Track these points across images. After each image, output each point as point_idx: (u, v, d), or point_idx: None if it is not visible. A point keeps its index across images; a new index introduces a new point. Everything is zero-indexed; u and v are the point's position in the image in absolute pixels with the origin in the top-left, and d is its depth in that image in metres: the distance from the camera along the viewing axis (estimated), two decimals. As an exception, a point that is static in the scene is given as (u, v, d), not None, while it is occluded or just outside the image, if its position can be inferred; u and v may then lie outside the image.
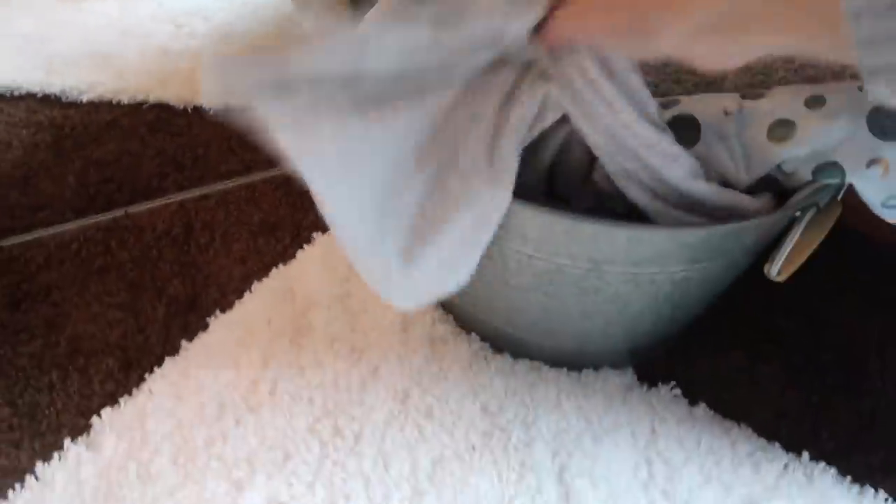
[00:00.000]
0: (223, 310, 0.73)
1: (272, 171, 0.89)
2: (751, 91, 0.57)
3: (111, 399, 0.65)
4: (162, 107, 0.97)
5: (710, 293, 0.61)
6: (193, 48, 1.05)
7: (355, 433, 0.62)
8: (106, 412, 0.64)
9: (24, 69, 1.00)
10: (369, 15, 0.51)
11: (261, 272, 0.77)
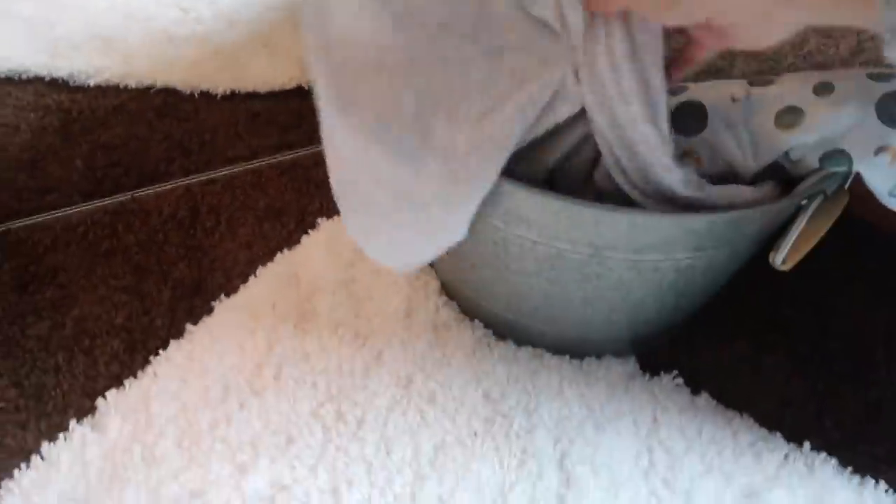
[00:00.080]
0: (228, 294, 0.73)
1: (278, 157, 0.89)
2: (759, 77, 0.56)
3: (116, 381, 0.66)
4: (169, 91, 0.97)
5: (715, 282, 0.60)
6: (199, 33, 1.04)
7: (358, 418, 0.63)
8: (111, 394, 0.65)
9: (32, 53, 1.00)
10: None
11: (266, 257, 0.77)
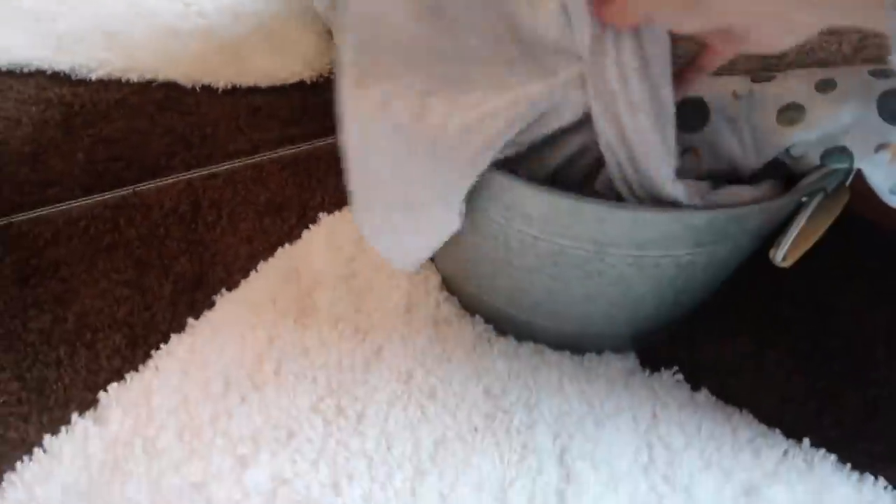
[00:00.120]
0: (229, 288, 0.73)
1: (279, 151, 0.89)
2: (761, 74, 0.56)
3: (118, 375, 0.66)
4: (171, 85, 0.97)
5: (715, 279, 0.60)
6: (202, 27, 1.04)
7: (358, 413, 0.63)
8: (113, 387, 0.65)
9: (34, 46, 1.00)
10: None
11: (267, 252, 0.77)
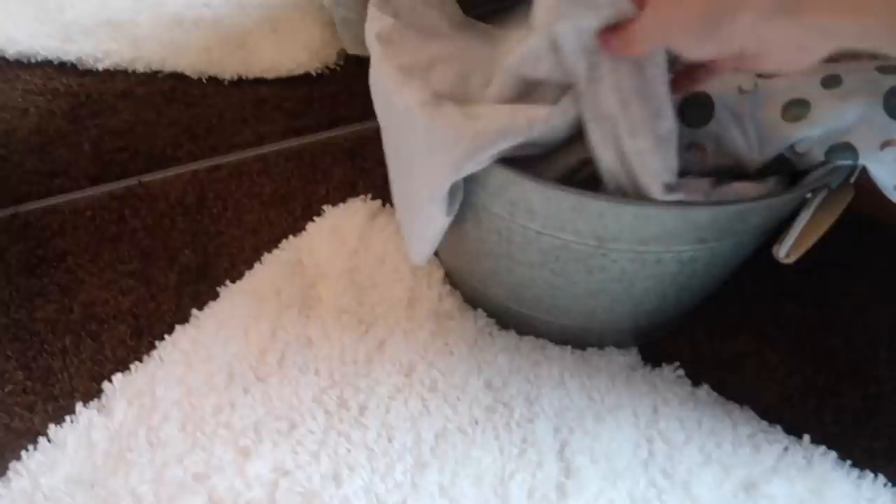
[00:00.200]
0: (233, 280, 0.74)
1: (285, 143, 0.90)
2: (766, 69, 0.56)
3: (122, 365, 0.67)
4: (177, 77, 0.98)
5: (718, 275, 0.60)
6: (208, 18, 1.04)
7: (360, 405, 0.63)
8: (117, 378, 0.65)
9: (41, 36, 1.00)
10: None
11: (271, 243, 0.77)
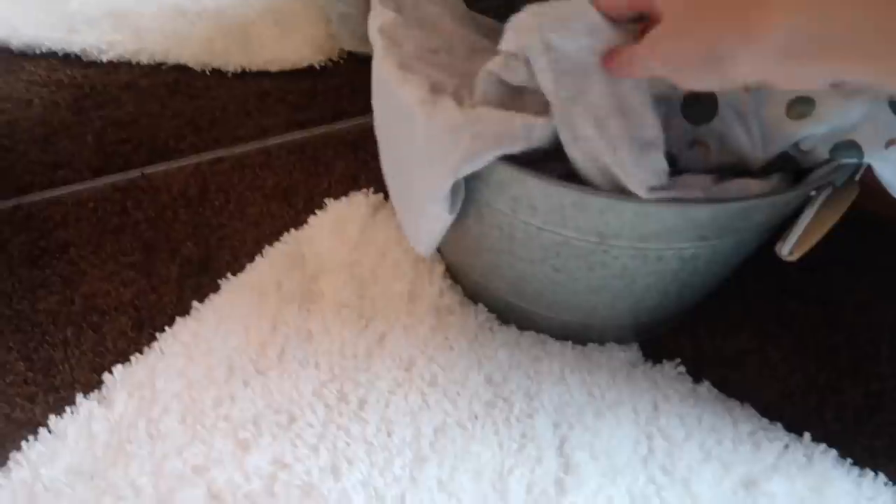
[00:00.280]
0: (235, 272, 0.74)
1: (288, 136, 0.89)
2: (771, 66, 0.55)
3: (123, 357, 0.67)
4: (181, 68, 0.98)
5: (719, 272, 0.60)
6: (211, 10, 1.04)
7: (360, 399, 0.63)
8: (118, 370, 0.65)
9: (46, 27, 1.00)
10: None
11: (273, 236, 0.77)
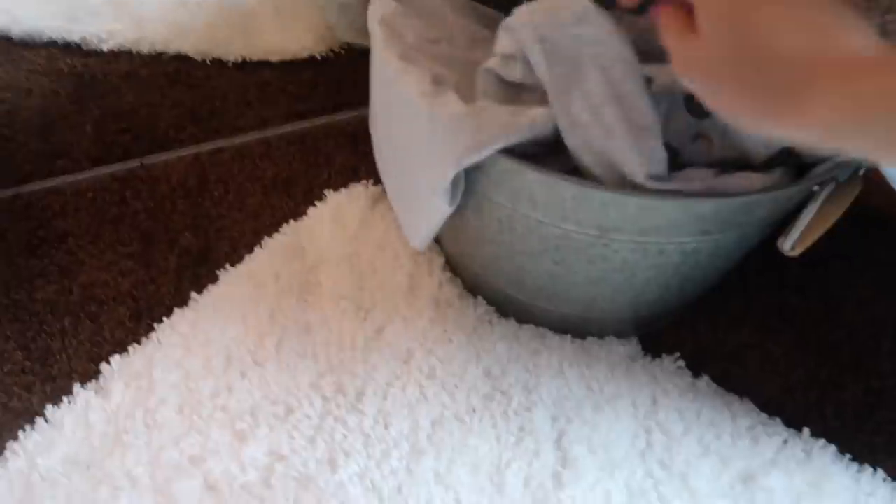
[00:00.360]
0: (233, 263, 0.73)
1: (288, 127, 0.89)
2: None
3: (121, 347, 0.67)
4: (181, 58, 0.97)
5: (721, 267, 0.60)
6: (212, -1, 1.03)
7: (358, 391, 0.63)
8: (115, 360, 0.65)
9: (47, 16, 0.99)
10: None
11: (272, 227, 0.77)
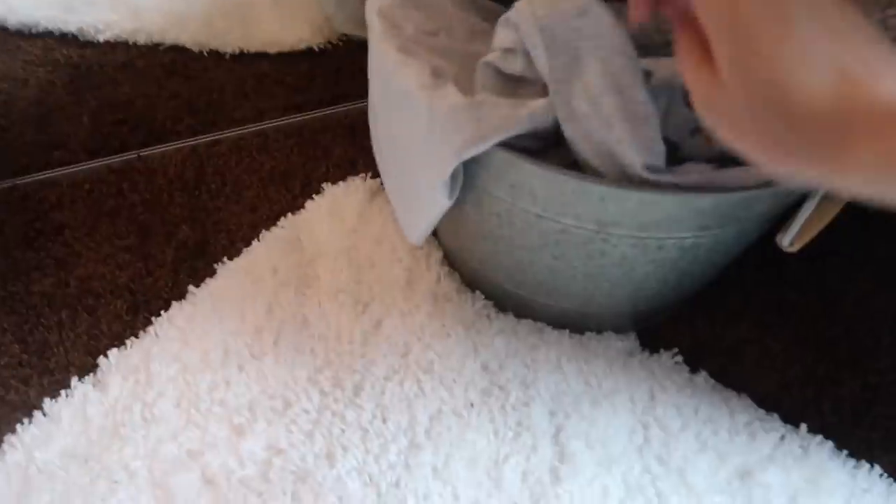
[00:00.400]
0: (231, 257, 0.73)
1: (285, 119, 0.89)
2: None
3: (118, 340, 0.66)
4: (178, 49, 0.96)
5: (719, 262, 0.60)
6: (210, -10, 1.03)
7: (355, 385, 0.63)
8: (113, 353, 0.65)
9: (43, 6, 0.99)
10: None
11: (269, 221, 0.77)
